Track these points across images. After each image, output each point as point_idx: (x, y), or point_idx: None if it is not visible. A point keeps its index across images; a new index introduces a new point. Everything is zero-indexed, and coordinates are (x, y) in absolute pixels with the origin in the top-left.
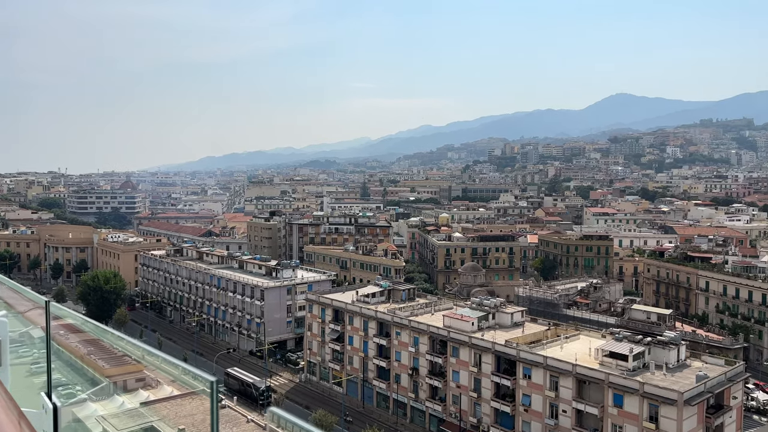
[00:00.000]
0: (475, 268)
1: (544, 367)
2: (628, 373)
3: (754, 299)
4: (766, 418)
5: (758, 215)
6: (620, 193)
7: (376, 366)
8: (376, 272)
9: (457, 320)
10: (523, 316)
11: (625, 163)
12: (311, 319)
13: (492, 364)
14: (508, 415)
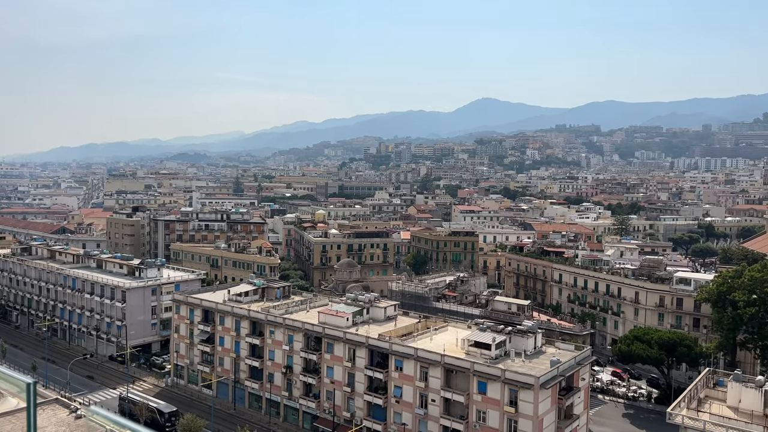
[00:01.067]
0: (351, 264)
1: (415, 358)
2: (491, 361)
3: (600, 289)
4: (608, 396)
5: (603, 213)
6: (485, 191)
7: (249, 366)
8: (250, 270)
9: (332, 316)
10: (396, 310)
11: (489, 163)
12: (178, 320)
13: (366, 359)
14: (380, 408)
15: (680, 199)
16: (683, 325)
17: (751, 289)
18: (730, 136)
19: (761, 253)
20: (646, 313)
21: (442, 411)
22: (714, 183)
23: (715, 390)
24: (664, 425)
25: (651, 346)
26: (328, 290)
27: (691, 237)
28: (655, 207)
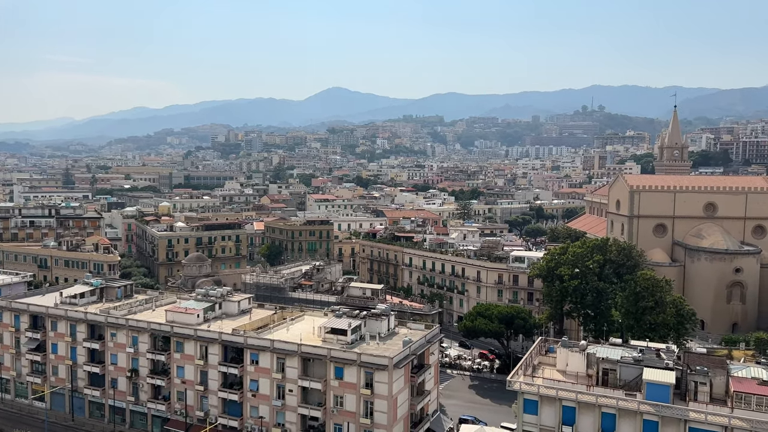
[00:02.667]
0: (200, 258)
1: (271, 350)
2: (347, 346)
3: (446, 270)
4: (456, 370)
5: (448, 199)
6: (339, 180)
7: (88, 373)
8: (86, 270)
9: (181, 314)
10: (251, 303)
11: (342, 152)
12: (2, 329)
13: (219, 355)
14: (236, 403)
15: (514, 184)
16: (519, 300)
17: (574, 264)
18: (555, 126)
19: (582, 231)
20: (487, 291)
21: (300, 400)
22: (543, 169)
23: (547, 356)
24: (506, 392)
25: (492, 321)
26: (176, 287)
27: (524, 219)
28: (493, 192)
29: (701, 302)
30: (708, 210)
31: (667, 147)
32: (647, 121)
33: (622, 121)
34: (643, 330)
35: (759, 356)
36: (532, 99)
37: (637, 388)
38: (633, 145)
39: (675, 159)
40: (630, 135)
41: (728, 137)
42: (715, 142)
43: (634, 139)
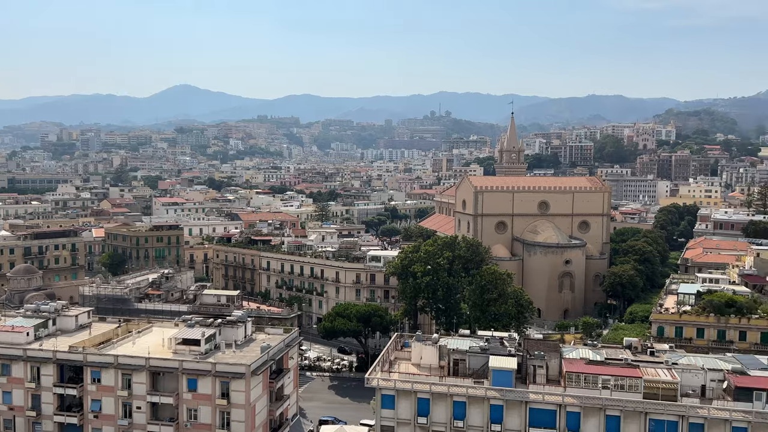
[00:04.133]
0: (29, 270)
1: (115, 366)
2: (201, 356)
3: (305, 273)
4: (316, 372)
5: (306, 201)
6: (189, 182)
7: None
8: None
9: (7, 333)
10: (91, 317)
11: (192, 153)
12: None
13: (54, 376)
14: (75, 427)
15: (370, 186)
16: (376, 298)
17: (426, 261)
18: (407, 130)
19: (432, 230)
20: (346, 290)
21: (149, 417)
22: (396, 171)
23: (403, 351)
24: (365, 390)
25: (351, 320)
26: (1, 303)
27: (380, 219)
28: (349, 194)
29: (537, 292)
30: (542, 208)
31: (506, 150)
32: (488, 126)
33: (466, 126)
34: (489, 320)
35: (586, 338)
36: (385, 103)
37: (485, 375)
38: (476, 148)
39: (513, 161)
40: (474, 139)
41: (557, 142)
42: (546, 146)
43: (477, 143)
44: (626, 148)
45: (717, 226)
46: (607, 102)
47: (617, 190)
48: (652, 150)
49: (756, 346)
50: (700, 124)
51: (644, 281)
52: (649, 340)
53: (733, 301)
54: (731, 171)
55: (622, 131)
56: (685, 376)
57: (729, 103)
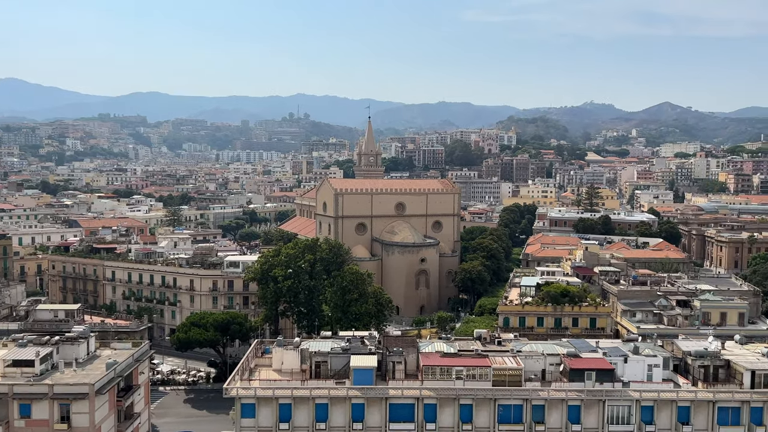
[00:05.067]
0: None
1: None
2: (35, 378)
3: (156, 282)
4: (170, 386)
5: (156, 205)
6: (18, 186)
7: None
8: None
9: None
10: None
11: (21, 154)
12: None
13: None
14: None
15: (227, 188)
16: (235, 305)
17: (287, 265)
18: (265, 131)
19: (294, 233)
20: (202, 299)
21: None
22: (254, 173)
23: (264, 358)
24: (223, 400)
25: (207, 329)
26: None
27: (238, 223)
28: (204, 197)
29: (396, 290)
30: (398, 209)
31: (364, 153)
32: (347, 130)
33: (325, 129)
34: (350, 320)
35: (441, 332)
36: (241, 103)
37: (346, 375)
38: (336, 151)
39: (371, 164)
40: (333, 142)
41: (412, 146)
42: (402, 150)
43: (337, 146)
44: (473, 152)
45: (552, 224)
46: (456, 108)
47: (466, 192)
48: (496, 154)
49: (586, 330)
50: (537, 130)
51: (491, 276)
52: (497, 331)
53: (567, 291)
54: (563, 173)
55: (469, 136)
56: (528, 362)
57: (561, 111)
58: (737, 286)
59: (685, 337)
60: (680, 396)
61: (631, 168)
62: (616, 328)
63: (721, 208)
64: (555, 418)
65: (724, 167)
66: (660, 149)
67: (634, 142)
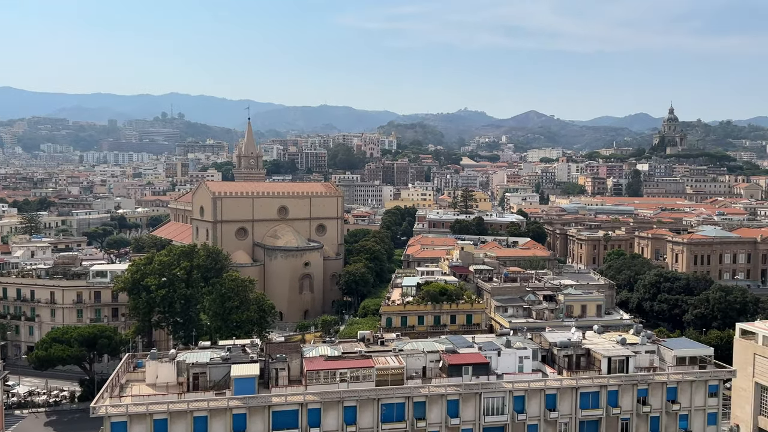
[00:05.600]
0: None
1: None
2: None
3: (9, 296)
4: (28, 409)
5: (9, 211)
6: None
7: None
8: None
9: None
10: None
11: None
12: None
13: None
14: None
15: (92, 192)
16: (103, 317)
17: (161, 273)
18: (135, 132)
19: (168, 239)
20: (65, 312)
21: None
22: (123, 176)
23: (136, 372)
24: (91, 420)
25: (71, 345)
26: None
27: (105, 229)
28: (66, 202)
29: (279, 295)
30: (281, 213)
31: (244, 156)
32: (225, 131)
33: (201, 130)
34: (231, 329)
35: (325, 336)
36: (107, 101)
37: (227, 385)
38: (213, 153)
39: (251, 167)
40: (210, 144)
41: (294, 149)
42: (284, 152)
43: (214, 148)
44: (356, 155)
45: (431, 225)
46: (338, 112)
47: (349, 195)
48: (377, 158)
49: (463, 326)
50: (416, 135)
51: (375, 277)
52: (380, 331)
53: (445, 290)
54: (441, 177)
55: (351, 140)
56: (409, 361)
57: (438, 118)
58: (595, 280)
59: (551, 329)
60: (548, 384)
61: (502, 172)
62: (490, 324)
63: (580, 209)
64: (435, 413)
65: (582, 171)
66: (527, 154)
67: (504, 148)
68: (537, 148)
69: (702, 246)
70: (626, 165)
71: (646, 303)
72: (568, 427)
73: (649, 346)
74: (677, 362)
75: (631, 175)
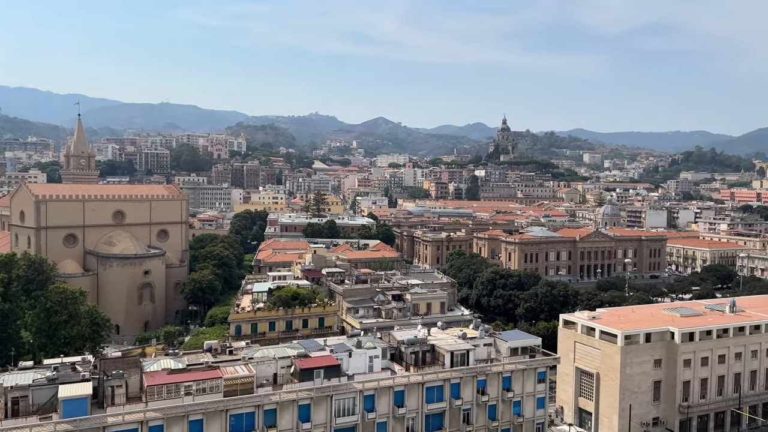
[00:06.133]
0: None
1: None
2: None
3: None
4: None
5: None
6: None
7: None
8: None
9: None
10: None
11: None
12: None
13: None
14: None
15: None
16: None
17: None
18: None
19: None
20: None
21: None
22: None
23: None
24: None
25: None
26: None
27: None
28: None
29: (115, 307)
30: (117, 218)
31: (74, 155)
32: (51, 128)
33: (22, 126)
34: (58, 346)
35: (168, 348)
36: None
37: (54, 408)
38: (37, 152)
39: (82, 168)
40: (33, 141)
41: (132, 148)
42: (120, 152)
43: (38, 146)
44: (202, 157)
45: (283, 229)
46: (182, 111)
47: (195, 198)
48: (225, 159)
49: (316, 330)
50: (266, 137)
51: (223, 284)
52: (228, 340)
53: (297, 294)
54: (293, 180)
55: (197, 140)
56: (260, 368)
57: (289, 120)
58: (439, 279)
59: (399, 327)
60: (396, 381)
61: (353, 176)
62: (342, 325)
63: (425, 212)
64: (286, 419)
65: (427, 176)
66: (377, 159)
67: (355, 153)
68: (386, 153)
69: (531, 245)
70: (466, 171)
71: (484, 299)
72: (415, 422)
73: (487, 339)
74: (511, 353)
75: (470, 180)
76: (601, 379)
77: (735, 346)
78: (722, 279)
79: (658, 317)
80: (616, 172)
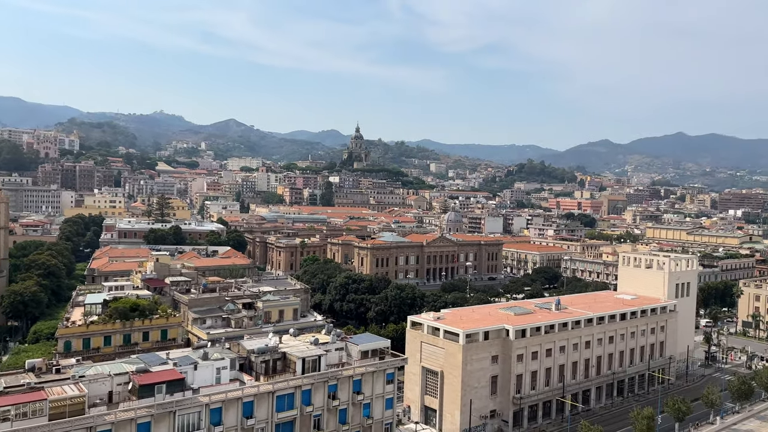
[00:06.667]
0: None
1: None
2: None
3: None
4: None
5: None
6: None
7: None
8: None
9: None
10: None
11: None
12: None
13: None
14: None
15: None
16: None
17: None
18: None
19: None
20: None
21: None
22: None
23: None
24: None
25: None
26: None
27: None
28: None
29: None
30: None
31: None
32: None
33: None
34: None
35: None
36: None
37: None
38: None
39: None
40: None
41: None
42: None
43: None
44: (26, 155)
45: (122, 235)
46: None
47: (17, 201)
48: (55, 159)
49: (158, 343)
50: (103, 136)
51: (50, 296)
52: (56, 358)
53: (137, 305)
54: (133, 182)
55: (21, 137)
56: (92, 387)
57: (129, 118)
58: (292, 285)
59: (249, 336)
60: (245, 392)
61: (201, 179)
62: (187, 337)
63: (279, 218)
64: None
65: (281, 182)
66: (228, 163)
67: (204, 155)
68: (237, 156)
69: (382, 250)
70: (320, 177)
71: (337, 303)
72: None
73: (339, 343)
74: (361, 356)
75: (325, 186)
76: (445, 377)
77: (560, 341)
78: (550, 279)
79: (495, 316)
80: (459, 181)
